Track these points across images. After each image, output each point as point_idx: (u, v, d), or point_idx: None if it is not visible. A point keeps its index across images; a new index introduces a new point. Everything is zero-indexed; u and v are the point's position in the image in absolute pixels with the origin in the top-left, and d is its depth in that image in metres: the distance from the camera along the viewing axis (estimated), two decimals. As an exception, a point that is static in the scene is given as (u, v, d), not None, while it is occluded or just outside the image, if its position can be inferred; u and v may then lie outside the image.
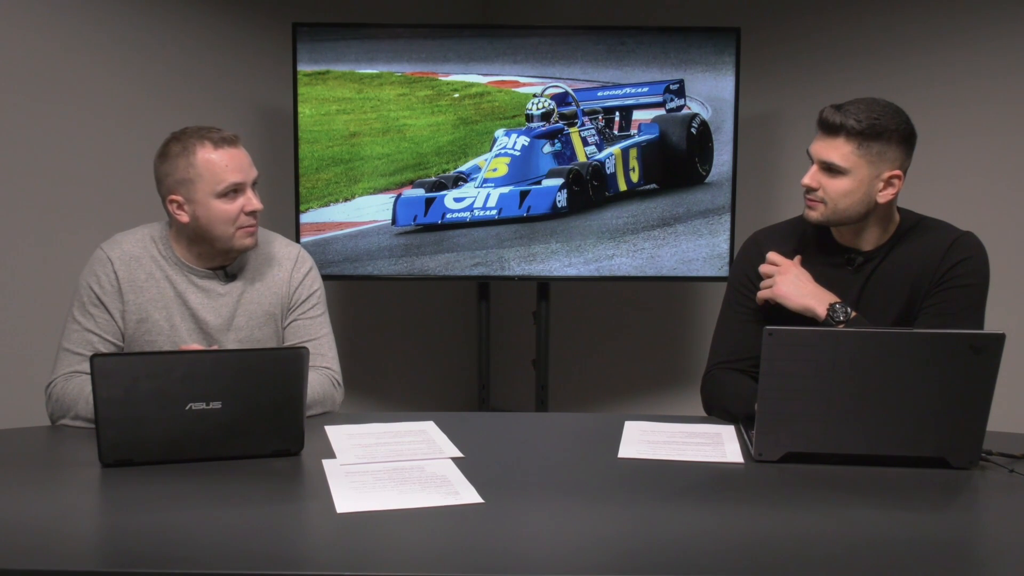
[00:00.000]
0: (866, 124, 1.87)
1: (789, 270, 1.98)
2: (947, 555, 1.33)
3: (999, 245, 3.14)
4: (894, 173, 1.91)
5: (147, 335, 2.00)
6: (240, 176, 1.98)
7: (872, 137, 1.88)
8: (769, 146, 3.61)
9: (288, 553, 1.28)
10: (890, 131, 1.88)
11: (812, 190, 1.94)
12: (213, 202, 1.97)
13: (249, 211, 1.99)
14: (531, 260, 3.37)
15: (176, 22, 3.24)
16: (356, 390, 3.82)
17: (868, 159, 1.89)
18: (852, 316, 1.90)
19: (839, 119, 1.88)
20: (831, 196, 1.92)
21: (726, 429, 1.91)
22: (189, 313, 2.02)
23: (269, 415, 1.67)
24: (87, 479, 1.58)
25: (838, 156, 1.89)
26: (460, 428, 1.88)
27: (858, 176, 1.90)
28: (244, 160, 2.00)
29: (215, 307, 2.04)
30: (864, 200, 1.92)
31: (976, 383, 1.63)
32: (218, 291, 2.05)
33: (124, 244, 2.04)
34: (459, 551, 1.32)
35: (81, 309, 2.00)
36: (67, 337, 1.99)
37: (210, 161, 1.96)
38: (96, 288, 2.00)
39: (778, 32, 3.57)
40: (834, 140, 1.90)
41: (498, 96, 3.37)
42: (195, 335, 2.02)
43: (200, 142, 1.97)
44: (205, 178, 1.96)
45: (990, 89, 3.14)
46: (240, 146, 2.01)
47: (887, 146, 1.89)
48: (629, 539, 1.36)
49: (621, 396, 4.11)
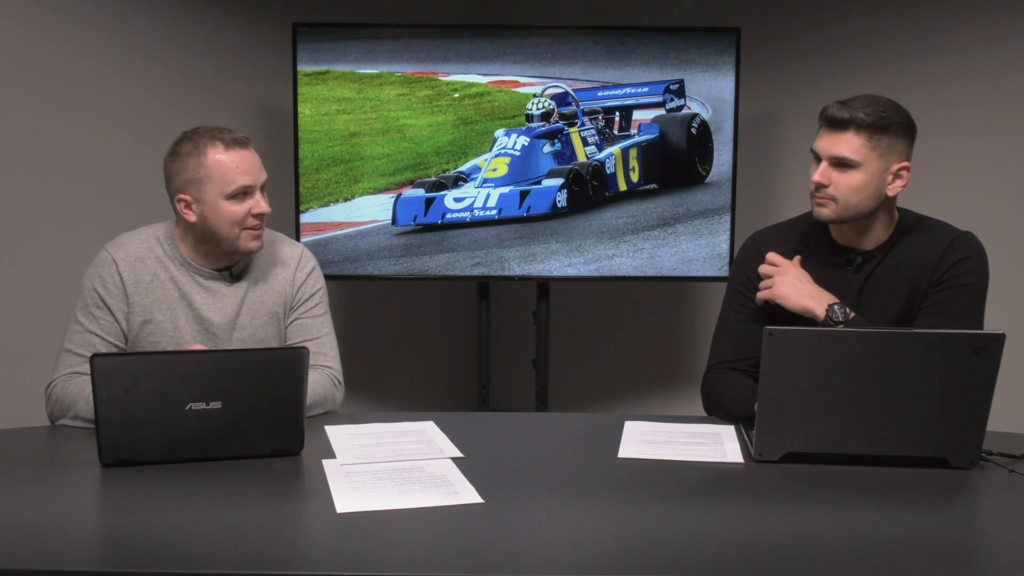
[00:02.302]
0: (875, 117, 1.88)
1: (788, 271, 1.97)
2: (947, 555, 1.33)
3: (999, 245, 3.14)
4: (902, 165, 1.92)
5: (150, 336, 2.00)
6: (250, 179, 1.98)
7: (881, 130, 1.88)
8: (769, 146, 3.61)
9: (288, 553, 1.28)
10: (896, 123, 1.90)
11: (823, 187, 1.93)
12: (221, 203, 1.96)
13: (256, 213, 1.99)
14: (531, 260, 3.37)
15: (176, 22, 3.24)
16: (356, 390, 3.81)
17: (879, 152, 1.90)
18: (851, 316, 1.90)
19: (848, 113, 1.88)
20: (842, 192, 1.92)
21: (726, 429, 1.91)
22: (193, 314, 2.02)
23: (269, 415, 1.66)
24: (87, 479, 1.58)
25: (849, 150, 1.89)
26: (460, 428, 1.88)
27: (870, 169, 1.90)
28: (255, 163, 2.00)
29: (219, 307, 2.04)
30: (875, 194, 1.92)
31: (976, 383, 1.63)
32: (223, 291, 2.05)
33: (129, 245, 2.04)
34: (459, 551, 1.32)
35: (84, 311, 1.99)
36: (69, 338, 1.99)
37: (221, 162, 1.95)
38: (100, 290, 1.99)
39: (778, 32, 3.57)
40: (843, 134, 1.89)
41: (498, 96, 3.37)
42: (199, 336, 2.02)
43: (212, 142, 1.96)
44: (215, 179, 1.95)
45: (990, 89, 3.14)
46: (251, 148, 2.01)
47: (895, 138, 1.90)
48: (629, 539, 1.36)
49: (621, 396, 4.11)
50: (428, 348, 4.25)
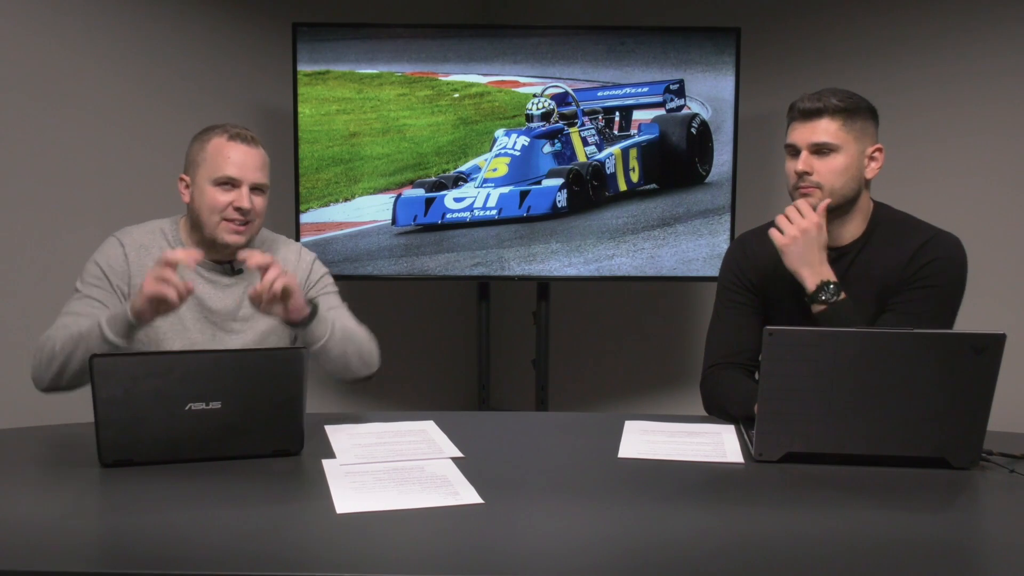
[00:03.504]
0: (846, 103, 1.95)
1: (809, 230, 1.94)
2: (947, 555, 1.33)
3: (999, 245, 3.15)
4: (876, 147, 1.99)
5: (151, 323, 2.00)
6: (237, 172, 2.01)
7: (853, 113, 1.96)
8: (769, 146, 3.61)
9: (288, 553, 1.28)
10: (864, 108, 1.98)
11: (806, 175, 1.96)
12: (208, 187, 2.02)
13: (237, 207, 2.01)
14: (531, 260, 3.37)
15: (176, 22, 3.24)
16: (356, 390, 3.82)
17: (855, 135, 1.96)
18: (840, 299, 1.90)
19: (820, 103, 1.95)
20: (827, 177, 1.95)
21: (726, 429, 1.91)
22: (195, 301, 2.04)
23: (269, 415, 1.66)
24: (87, 479, 1.58)
25: (827, 135, 1.95)
26: (460, 428, 1.88)
27: (849, 151, 1.95)
28: (251, 160, 2.03)
29: (221, 296, 2.08)
30: (856, 176, 1.97)
31: (976, 383, 1.62)
32: (224, 282, 2.08)
33: (135, 233, 2.10)
34: (459, 551, 1.32)
35: (83, 283, 2.04)
36: (67, 306, 2.02)
37: (217, 148, 2.02)
38: (103, 265, 2.04)
39: (778, 32, 3.57)
40: (819, 122, 1.95)
41: (498, 96, 3.37)
42: (200, 324, 2.04)
43: (221, 131, 2.04)
44: (208, 162, 2.02)
45: (989, 89, 3.14)
46: (255, 147, 2.05)
47: (866, 122, 1.97)
48: (629, 539, 1.36)
49: (621, 396, 4.11)
50: (428, 348, 4.25)
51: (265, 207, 2.08)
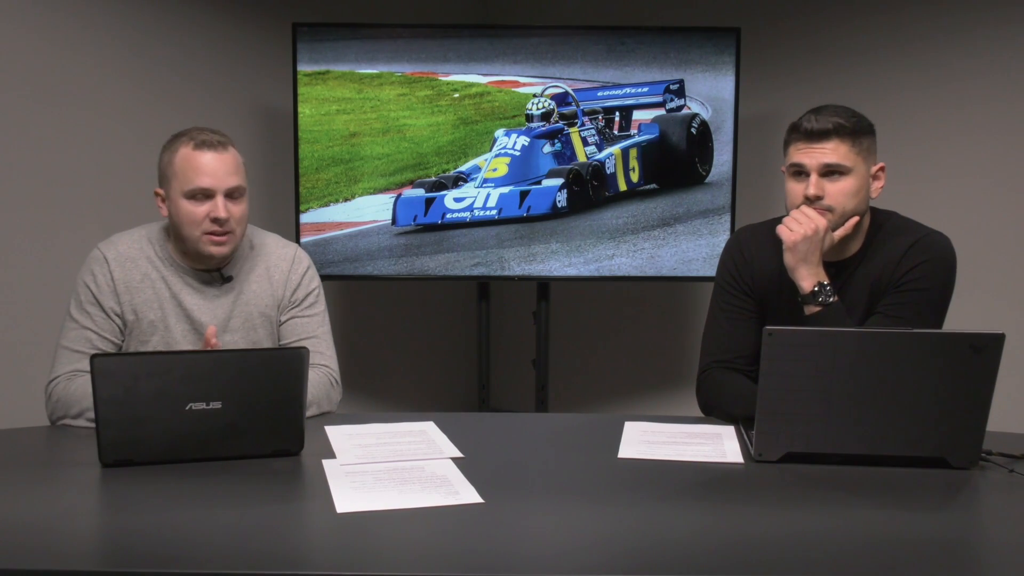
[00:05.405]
0: (852, 122, 1.92)
1: (819, 231, 1.92)
2: (947, 555, 1.33)
3: (999, 245, 3.15)
4: (879, 166, 1.98)
5: (140, 335, 2.00)
6: (209, 181, 1.94)
7: (860, 133, 1.93)
8: (769, 146, 3.61)
9: (288, 553, 1.28)
10: (867, 126, 1.95)
11: (818, 199, 1.92)
12: (182, 201, 1.96)
13: (214, 218, 1.94)
14: (531, 260, 3.37)
15: (176, 22, 3.24)
16: (356, 390, 3.82)
17: (863, 155, 1.93)
18: (832, 301, 1.90)
19: (828, 123, 1.90)
20: (838, 200, 1.92)
21: (726, 429, 1.91)
22: (184, 314, 2.02)
23: (269, 415, 1.66)
24: (87, 479, 1.58)
25: (839, 156, 1.91)
26: (460, 428, 1.88)
27: (859, 173, 1.93)
28: (221, 167, 1.96)
29: (210, 308, 2.04)
30: (866, 198, 1.96)
31: (976, 383, 1.62)
32: (213, 292, 2.05)
33: (120, 245, 2.04)
34: (459, 551, 1.32)
35: (78, 308, 2.00)
36: (65, 336, 1.99)
37: (185, 160, 1.95)
38: (92, 287, 2.00)
39: (778, 32, 3.57)
40: (827, 143, 1.91)
41: (498, 96, 3.37)
42: (189, 336, 2.02)
43: (186, 141, 1.97)
44: (178, 176, 1.96)
45: (989, 89, 3.14)
46: (227, 151, 1.98)
47: (871, 141, 1.95)
48: (629, 539, 1.36)
49: (621, 396, 4.11)
50: (428, 348, 4.25)
51: (246, 210, 2.00)
